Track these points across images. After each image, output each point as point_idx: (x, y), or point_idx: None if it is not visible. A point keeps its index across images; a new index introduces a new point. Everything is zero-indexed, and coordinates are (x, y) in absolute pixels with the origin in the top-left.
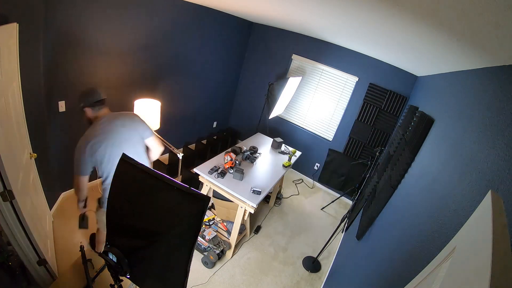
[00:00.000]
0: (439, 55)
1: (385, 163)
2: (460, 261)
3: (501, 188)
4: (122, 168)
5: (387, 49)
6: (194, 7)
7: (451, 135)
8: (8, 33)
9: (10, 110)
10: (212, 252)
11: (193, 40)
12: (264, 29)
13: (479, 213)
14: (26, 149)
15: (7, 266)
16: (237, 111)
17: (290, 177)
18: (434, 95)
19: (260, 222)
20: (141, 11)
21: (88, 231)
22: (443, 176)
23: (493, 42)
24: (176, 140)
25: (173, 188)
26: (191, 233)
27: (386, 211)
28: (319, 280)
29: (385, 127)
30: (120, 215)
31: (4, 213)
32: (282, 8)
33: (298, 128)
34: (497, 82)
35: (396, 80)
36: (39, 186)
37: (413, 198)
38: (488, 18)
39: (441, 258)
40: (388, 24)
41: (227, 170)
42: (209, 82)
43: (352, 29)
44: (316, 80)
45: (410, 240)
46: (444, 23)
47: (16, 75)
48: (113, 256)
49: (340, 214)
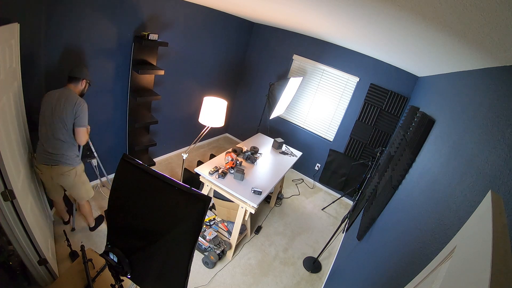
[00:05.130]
0: (440, 55)
1: (386, 163)
2: (460, 261)
3: (502, 188)
4: (123, 168)
5: (388, 49)
6: (194, 7)
7: (452, 136)
8: (9, 33)
9: (11, 109)
10: (213, 252)
11: (193, 40)
12: (265, 29)
13: (479, 213)
14: (27, 149)
15: (8, 266)
16: (238, 111)
17: (291, 178)
18: (435, 95)
19: (261, 223)
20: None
21: (87, 229)
22: (443, 176)
23: (494, 43)
24: (177, 140)
25: (174, 188)
26: (192, 233)
27: (387, 212)
28: (320, 281)
29: (386, 127)
30: (121, 215)
31: (4, 213)
32: (287, 12)
33: (299, 129)
34: (498, 82)
35: (397, 80)
36: (39, 185)
37: (414, 198)
38: (489, 19)
39: (441, 258)
40: (389, 25)
41: (228, 171)
42: (210, 82)
43: (354, 30)
44: (317, 81)
45: (410, 240)
46: (445, 24)
47: (17, 75)
48: (114, 256)
49: (340, 214)
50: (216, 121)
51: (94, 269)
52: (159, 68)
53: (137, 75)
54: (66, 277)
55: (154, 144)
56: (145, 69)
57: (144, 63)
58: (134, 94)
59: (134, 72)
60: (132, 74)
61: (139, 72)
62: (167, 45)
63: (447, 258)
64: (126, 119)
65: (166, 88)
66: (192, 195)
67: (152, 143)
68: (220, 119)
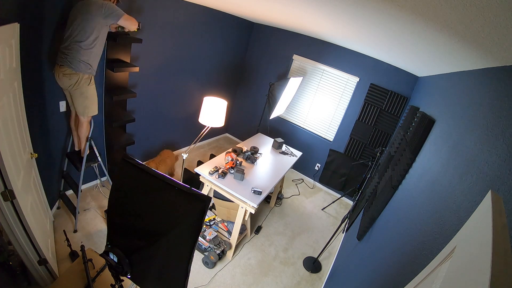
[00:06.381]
0: (440, 55)
1: (386, 163)
2: (460, 261)
3: (502, 188)
4: (123, 168)
5: (388, 49)
6: (194, 7)
7: (452, 136)
8: (9, 33)
9: (11, 109)
10: (213, 252)
11: (193, 39)
12: (265, 29)
13: (479, 213)
14: (27, 149)
15: (8, 266)
16: (238, 111)
17: (291, 178)
18: (435, 95)
19: (261, 223)
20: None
21: (87, 229)
22: (443, 176)
23: (494, 43)
24: (176, 140)
25: (174, 188)
26: (192, 234)
27: (387, 212)
28: (320, 281)
29: (386, 127)
30: (121, 215)
31: (4, 213)
32: (287, 12)
33: (299, 129)
34: (498, 82)
35: (397, 80)
36: (39, 186)
37: (414, 198)
38: (489, 19)
39: (441, 258)
40: (389, 25)
41: (228, 171)
42: (210, 82)
43: (354, 30)
44: (317, 81)
45: (410, 240)
46: (445, 24)
47: (17, 75)
48: (114, 256)
49: (340, 214)
50: (216, 121)
51: (94, 269)
52: (133, 65)
53: (111, 73)
54: (66, 277)
55: (132, 143)
56: (120, 67)
57: (118, 61)
58: (109, 94)
59: (109, 70)
60: (107, 73)
61: (114, 71)
62: (141, 41)
63: (447, 258)
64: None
65: (166, 88)
66: (192, 195)
67: (130, 141)
68: (220, 119)
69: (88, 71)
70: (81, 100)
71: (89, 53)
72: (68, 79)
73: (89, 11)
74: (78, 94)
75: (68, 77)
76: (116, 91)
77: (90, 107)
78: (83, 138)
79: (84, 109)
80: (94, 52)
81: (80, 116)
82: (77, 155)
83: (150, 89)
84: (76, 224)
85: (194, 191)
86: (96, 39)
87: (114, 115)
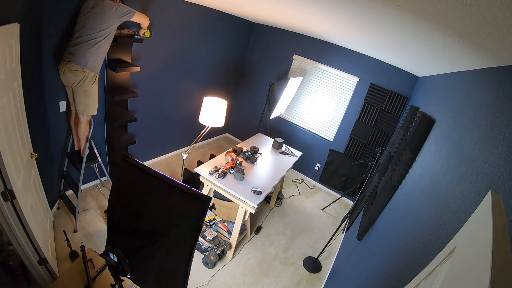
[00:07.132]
0: (440, 55)
1: (386, 163)
2: (460, 261)
3: (502, 188)
4: (123, 168)
5: (388, 49)
6: (195, 7)
7: (452, 136)
8: (9, 33)
9: (11, 109)
10: (213, 252)
11: (194, 40)
12: (265, 29)
13: (479, 213)
14: (27, 148)
15: (8, 266)
16: (238, 111)
17: (291, 178)
18: (435, 95)
19: (261, 223)
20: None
21: (87, 229)
22: (443, 176)
23: (494, 43)
24: (177, 140)
25: (174, 188)
26: (192, 234)
27: (387, 212)
28: (320, 281)
29: (386, 127)
30: (121, 215)
31: (4, 213)
32: (287, 12)
33: (299, 129)
34: (498, 82)
35: (397, 80)
36: (39, 185)
37: (414, 198)
38: (489, 19)
39: (441, 258)
40: (389, 25)
41: (228, 171)
42: (210, 82)
43: (354, 30)
44: (317, 81)
45: (410, 240)
46: (445, 24)
47: (17, 75)
48: (114, 256)
49: (340, 214)
50: (216, 121)
51: (94, 269)
52: (134, 65)
53: (113, 73)
54: (66, 277)
55: (134, 143)
56: (121, 67)
57: (119, 61)
58: (110, 93)
59: (110, 70)
60: (108, 73)
61: (115, 70)
62: (142, 41)
63: (447, 258)
64: (104, 118)
65: (166, 88)
66: (192, 195)
67: (131, 141)
68: (220, 119)
69: (94, 68)
70: (83, 98)
71: (97, 51)
72: (74, 75)
73: (104, 11)
74: (82, 92)
75: (74, 73)
76: (118, 91)
77: (91, 107)
78: (83, 138)
79: (85, 108)
80: (102, 51)
81: (80, 115)
82: (77, 155)
83: (151, 89)
84: (76, 224)
85: (194, 191)
86: (105, 38)
87: (115, 115)
